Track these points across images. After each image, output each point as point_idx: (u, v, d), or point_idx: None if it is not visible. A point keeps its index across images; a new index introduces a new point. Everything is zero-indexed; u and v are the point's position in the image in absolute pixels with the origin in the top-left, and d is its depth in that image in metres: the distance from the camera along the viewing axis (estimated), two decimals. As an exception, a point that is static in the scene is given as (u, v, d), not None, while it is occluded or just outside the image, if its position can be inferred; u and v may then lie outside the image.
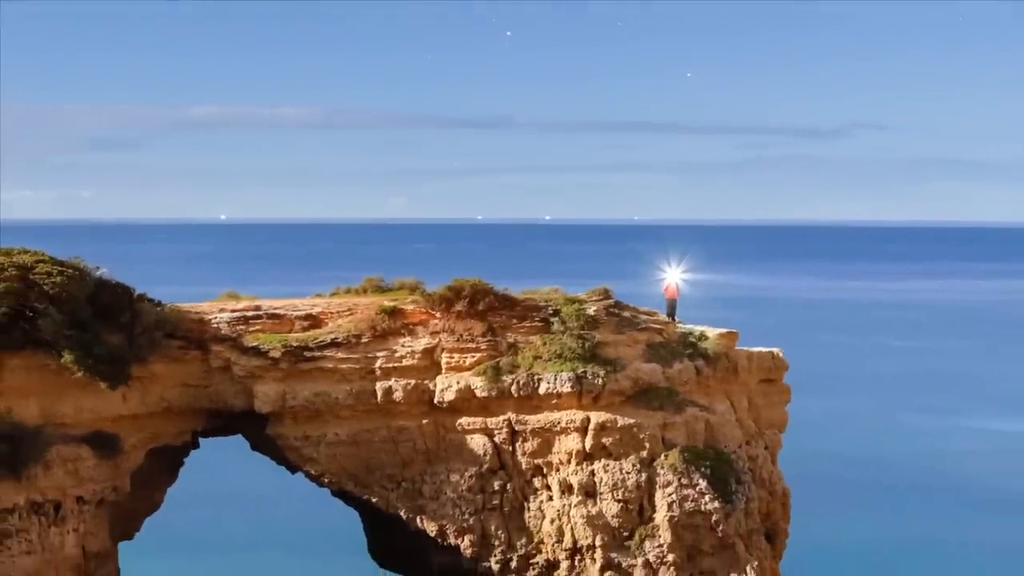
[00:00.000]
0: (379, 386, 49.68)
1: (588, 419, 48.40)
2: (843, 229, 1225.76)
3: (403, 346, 50.36)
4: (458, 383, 49.42)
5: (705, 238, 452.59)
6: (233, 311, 51.84)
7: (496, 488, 49.56)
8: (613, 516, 47.85)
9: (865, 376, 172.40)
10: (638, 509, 47.84)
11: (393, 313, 51.11)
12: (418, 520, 49.90)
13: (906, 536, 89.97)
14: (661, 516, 47.33)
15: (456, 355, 50.11)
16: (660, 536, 47.34)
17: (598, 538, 47.96)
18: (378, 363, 49.92)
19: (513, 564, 49.40)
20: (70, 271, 48.75)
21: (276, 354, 49.79)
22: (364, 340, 50.38)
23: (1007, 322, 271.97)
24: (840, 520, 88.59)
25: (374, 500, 50.53)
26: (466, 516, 49.43)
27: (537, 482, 49.51)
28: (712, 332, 54.08)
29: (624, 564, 47.73)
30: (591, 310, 51.50)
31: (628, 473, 47.85)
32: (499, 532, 49.47)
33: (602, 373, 48.76)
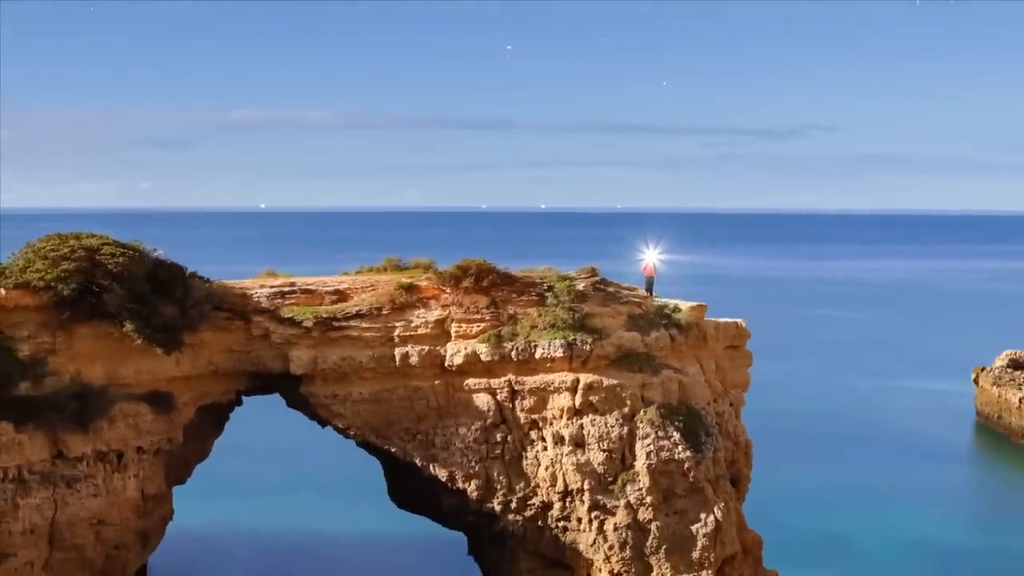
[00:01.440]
0: (397, 352, 49.51)
1: (577, 380, 48.12)
2: (797, 217, 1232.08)
3: (418, 317, 50.15)
4: (465, 349, 49.21)
5: (679, 224, 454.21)
6: (271, 287, 51.65)
7: (498, 439, 49.32)
8: (599, 464, 47.56)
9: (814, 343, 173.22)
10: (620, 458, 47.60)
11: (409, 289, 50.94)
12: (431, 467, 49.77)
13: (848, 480, 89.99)
14: (640, 463, 47.06)
15: (464, 325, 49.88)
16: (640, 481, 47.06)
17: (586, 482, 47.71)
18: (396, 332, 49.70)
19: (512, 505, 49.21)
20: (131, 252, 48.84)
21: (308, 324, 49.68)
22: (384, 312, 50.17)
23: (934, 297, 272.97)
24: (794, 467, 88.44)
25: (393, 450, 50.46)
26: (472, 464, 49.25)
27: (534, 434, 49.26)
28: (684, 305, 53.81)
29: (608, 505, 47.46)
30: (580, 286, 51.25)
31: (612, 426, 47.57)
32: (500, 477, 49.28)
33: (589, 340, 48.45)
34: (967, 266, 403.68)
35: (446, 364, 49.51)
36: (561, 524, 48.62)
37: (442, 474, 49.64)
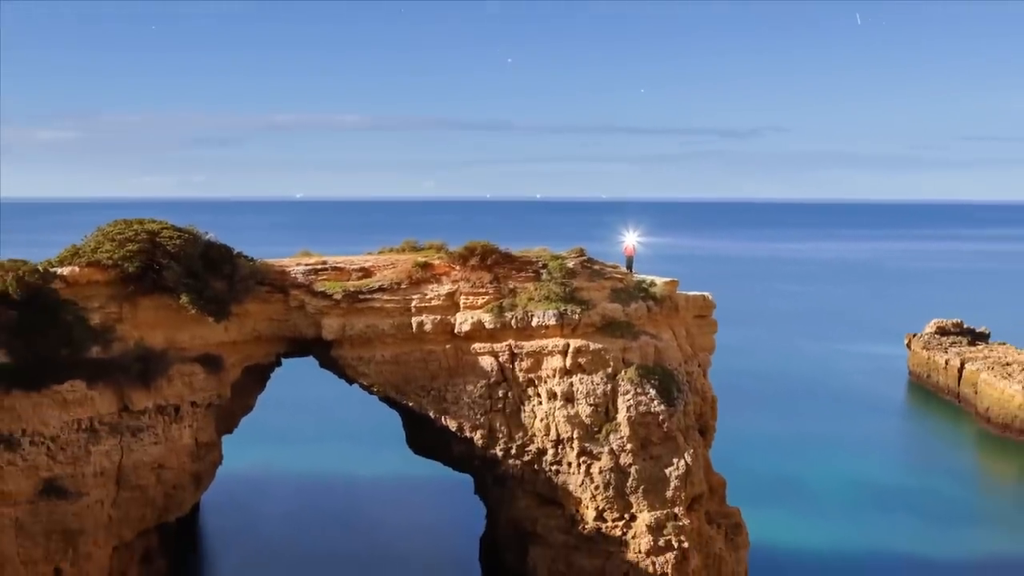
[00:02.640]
0: (414, 320, 49.29)
1: (568, 345, 47.85)
2: (756, 205, 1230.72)
3: (431, 291, 49.92)
4: (472, 318, 48.96)
5: (655, 211, 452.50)
6: (306, 265, 51.48)
7: (500, 395, 49.09)
8: (586, 416, 47.33)
9: (770, 313, 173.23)
10: (604, 411, 47.36)
11: (424, 266, 50.70)
12: (442, 419, 49.63)
13: (799, 430, 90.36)
14: (622, 416, 46.84)
15: (470, 297, 49.62)
16: (621, 431, 46.83)
17: (575, 432, 47.52)
18: (413, 303, 49.48)
19: (512, 451, 49.05)
20: (186, 235, 48.89)
21: (338, 297, 49.58)
22: (403, 286, 49.97)
23: (872, 273, 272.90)
24: (753, 419, 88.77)
25: (410, 404, 50.26)
26: (477, 416, 49.10)
27: (530, 391, 48.99)
28: (659, 280, 53.44)
29: (594, 451, 47.28)
30: (570, 264, 50.98)
31: (597, 384, 47.31)
32: (502, 428, 49.07)
33: (578, 311, 48.26)
34: (901, 247, 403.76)
35: (455, 331, 49.25)
36: (554, 468, 48.46)
37: (452, 425, 49.53)
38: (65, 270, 45.30)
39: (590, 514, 47.49)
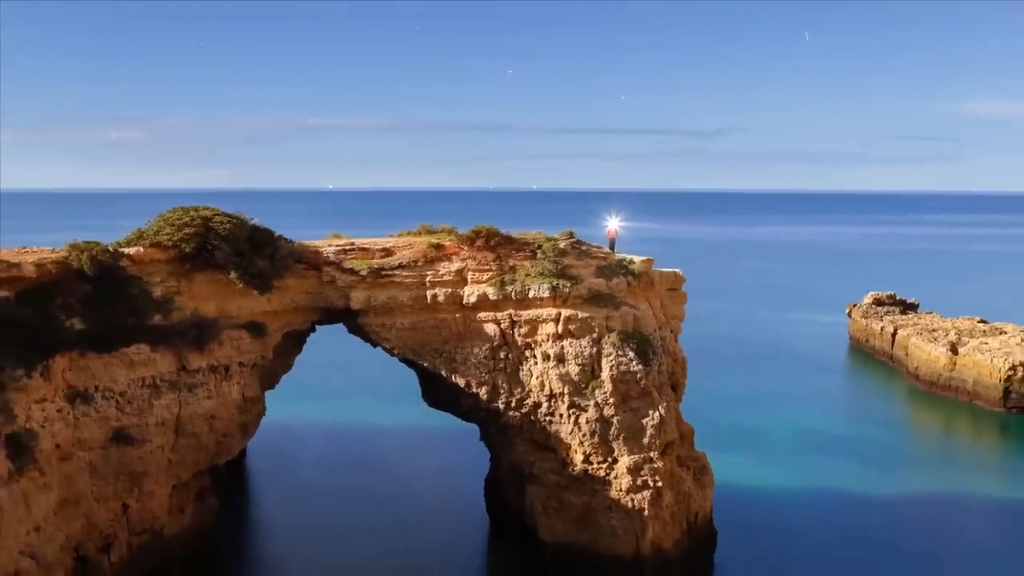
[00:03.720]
0: (428, 293, 49.19)
1: (559, 313, 47.83)
2: (722, 195, 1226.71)
3: (443, 268, 49.72)
4: (478, 291, 48.86)
5: (634, 200, 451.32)
6: (337, 246, 51.37)
7: (501, 357, 49.05)
8: (575, 374, 47.38)
9: (735, 287, 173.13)
10: (591, 370, 47.37)
11: (437, 247, 50.56)
12: (452, 377, 49.63)
13: (757, 386, 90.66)
14: (605, 374, 46.91)
15: (476, 273, 49.47)
16: (605, 387, 46.88)
17: (565, 388, 47.57)
18: (428, 278, 49.37)
19: (512, 404, 49.10)
20: (234, 220, 48.83)
21: (364, 273, 49.51)
22: (419, 264, 49.86)
23: (822, 253, 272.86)
24: (717, 377, 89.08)
25: (425, 364, 50.20)
26: (483, 374, 49.13)
27: (527, 353, 48.84)
28: (637, 259, 53.24)
29: (582, 404, 47.36)
30: (561, 245, 50.88)
31: (584, 347, 47.36)
32: (503, 384, 49.07)
33: (568, 285, 48.25)
34: (848, 231, 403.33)
35: (464, 302, 49.12)
36: (547, 418, 48.43)
37: (461, 382, 49.51)
38: (131, 250, 45.46)
39: (578, 458, 47.70)
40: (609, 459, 47.17)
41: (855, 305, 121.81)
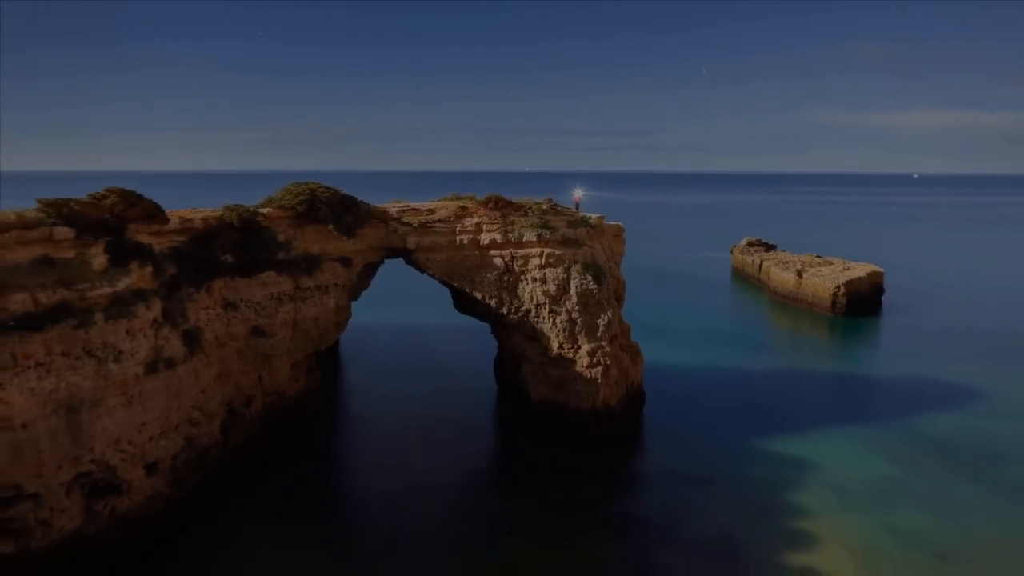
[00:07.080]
0: (457, 238, 48.39)
1: (543, 251, 47.26)
2: (649, 175, 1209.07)
3: (467, 222, 48.85)
4: (489, 237, 48.10)
5: (596, 178, 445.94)
6: (397, 207, 50.50)
7: (505, 280, 48.42)
8: (553, 291, 46.98)
9: (664, 235, 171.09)
10: (564, 288, 46.95)
11: (463, 208, 49.64)
12: (473, 292, 48.96)
13: (670, 299, 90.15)
14: (573, 291, 46.58)
15: (488, 225, 48.51)
16: (572, 299, 46.56)
17: (547, 300, 47.19)
18: (456, 229, 48.49)
19: (512, 311, 48.49)
20: (332, 190, 47.80)
21: (415, 225, 48.69)
22: (451, 219, 48.97)
23: (716, 212, 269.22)
24: (644, 292, 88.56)
25: (456, 284, 49.39)
26: (493, 290, 48.54)
27: (522, 277, 48.18)
28: (594, 215, 52.54)
29: (558, 310, 46.96)
30: (544, 207, 50.04)
31: (559, 274, 46.90)
32: (506, 297, 48.53)
33: (548, 233, 47.54)
34: (731, 198, 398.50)
35: (480, 244, 48.41)
36: (535, 319, 48.02)
37: (479, 296, 48.99)
38: (264, 210, 44.84)
39: (555, 345, 47.61)
40: (575, 346, 47.12)
41: (735, 245, 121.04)
